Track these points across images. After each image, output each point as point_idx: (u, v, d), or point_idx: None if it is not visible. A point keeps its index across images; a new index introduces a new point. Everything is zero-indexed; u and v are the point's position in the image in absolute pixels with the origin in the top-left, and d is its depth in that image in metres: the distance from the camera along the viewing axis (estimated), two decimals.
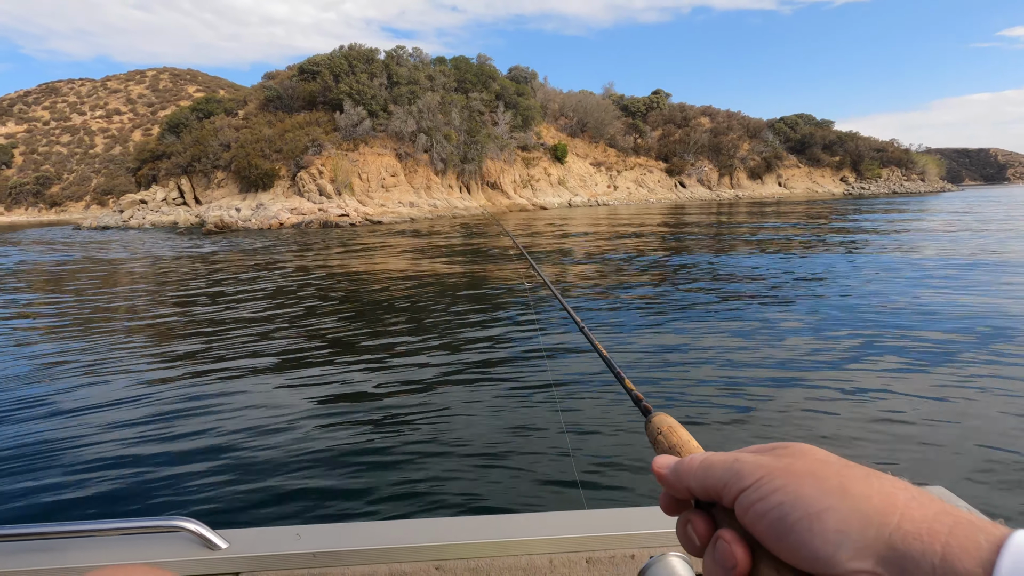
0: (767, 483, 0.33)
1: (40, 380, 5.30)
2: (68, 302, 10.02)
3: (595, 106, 72.08)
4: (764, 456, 0.36)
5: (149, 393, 4.79)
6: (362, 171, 40.94)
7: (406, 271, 12.52)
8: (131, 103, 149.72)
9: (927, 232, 18.28)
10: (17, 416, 4.35)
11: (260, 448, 3.60)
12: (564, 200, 56.49)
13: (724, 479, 0.36)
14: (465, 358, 5.53)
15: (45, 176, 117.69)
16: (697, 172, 72.74)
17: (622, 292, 8.97)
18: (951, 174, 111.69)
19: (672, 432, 0.48)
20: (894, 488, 0.31)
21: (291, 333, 6.85)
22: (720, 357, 5.32)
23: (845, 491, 0.31)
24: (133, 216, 42.28)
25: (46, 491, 3.15)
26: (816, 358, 5.21)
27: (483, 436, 3.69)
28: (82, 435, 3.91)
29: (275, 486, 3.11)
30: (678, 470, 0.39)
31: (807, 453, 0.35)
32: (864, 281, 9.19)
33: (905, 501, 0.30)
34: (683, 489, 0.39)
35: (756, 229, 21.67)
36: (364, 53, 48.73)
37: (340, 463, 3.35)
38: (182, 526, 1.03)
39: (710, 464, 0.38)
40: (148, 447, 3.68)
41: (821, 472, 0.33)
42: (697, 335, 6.16)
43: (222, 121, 47.11)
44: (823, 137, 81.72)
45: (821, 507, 0.31)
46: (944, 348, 5.42)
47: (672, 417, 0.50)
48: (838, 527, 0.30)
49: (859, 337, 5.85)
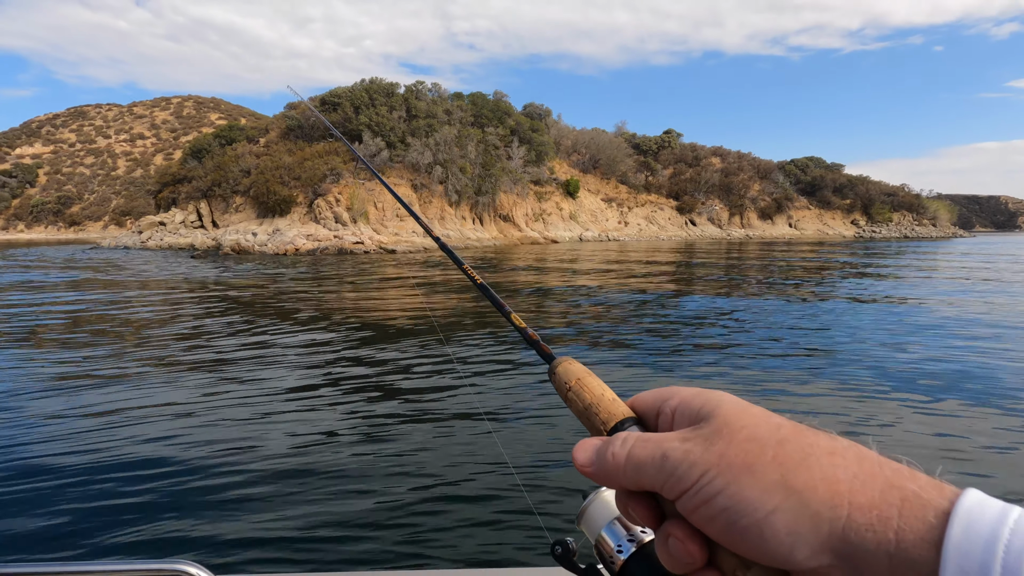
0: (707, 485, 0.32)
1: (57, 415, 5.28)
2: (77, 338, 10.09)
3: (607, 143, 73.32)
4: (694, 444, 0.34)
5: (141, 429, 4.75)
6: (378, 200, 41.58)
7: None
8: (155, 128, 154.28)
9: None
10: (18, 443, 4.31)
11: (254, 489, 3.45)
12: (575, 234, 56.89)
13: (659, 480, 0.34)
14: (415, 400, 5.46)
15: (67, 196, 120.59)
16: (708, 211, 73.22)
17: (632, 339, 8.89)
18: (962, 220, 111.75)
19: (582, 386, 0.43)
20: (835, 468, 0.30)
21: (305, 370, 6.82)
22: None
23: (788, 487, 0.30)
24: (151, 237, 42.98)
25: (43, 525, 3.06)
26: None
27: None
28: (87, 466, 3.84)
29: (274, 527, 2.99)
30: (604, 468, 0.37)
31: (735, 429, 0.33)
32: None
33: (849, 484, 0.29)
34: (616, 485, 0.37)
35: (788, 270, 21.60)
36: (384, 87, 50.17)
37: (336, 508, 3.19)
38: (184, 570, 1.01)
39: (638, 463, 0.35)
40: (149, 485, 3.56)
41: (758, 464, 0.31)
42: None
43: (243, 148, 48.33)
44: (833, 180, 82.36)
45: (767, 509, 0.30)
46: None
47: (579, 363, 0.46)
48: (789, 528, 0.29)
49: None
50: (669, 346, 7.66)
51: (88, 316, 10.61)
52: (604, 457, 0.37)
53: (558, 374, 0.46)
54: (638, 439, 0.36)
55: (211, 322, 9.65)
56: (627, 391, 0.41)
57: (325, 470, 3.67)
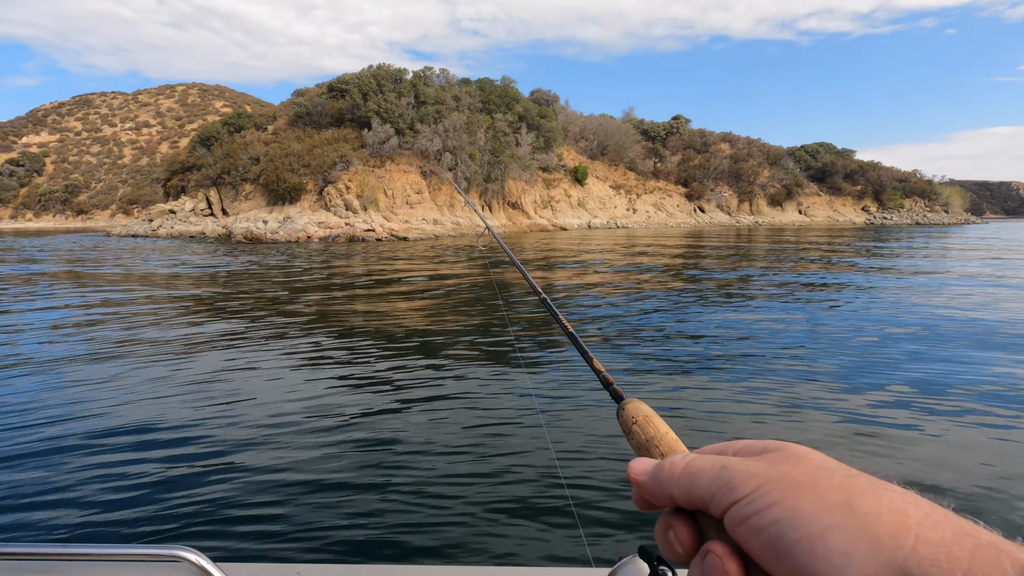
0: (762, 496, 0.30)
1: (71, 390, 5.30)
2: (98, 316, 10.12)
3: (615, 130, 72.64)
4: (756, 462, 0.33)
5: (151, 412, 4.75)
6: (388, 187, 41.45)
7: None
8: (160, 116, 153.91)
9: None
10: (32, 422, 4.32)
11: (261, 476, 3.41)
12: (583, 222, 56.62)
13: (712, 489, 0.33)
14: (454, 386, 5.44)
15: (74, 185, 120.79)
16: (716, 198, 72.65)
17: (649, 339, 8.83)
18: (972, 206, 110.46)
19: (648, 423, 0.45)
20: (904, 503, 0.28)
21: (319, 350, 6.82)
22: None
23: (851, 508, 0.28)
24: (162, 226, 43.06)
25: (49, 508, 3.06)
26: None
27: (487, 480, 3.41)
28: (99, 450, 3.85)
29: (276, 516, 2.94)
30: (659, 477, 0.36)
31: (803, 458, 0.32)
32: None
33: (919, 520, 0.27)
34: (665, 497, 0.36)
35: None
36: (392, 73, 49.74)
37: (344, 497, 3.14)
38: (183, 556, 1.02)
39: (695, 471, 0.34)
40: (147, 468, 3.53)
41: (822, 484, 0.29)
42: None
43: (252, 135, 48.15)
44: (844, 166, 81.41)
45: (824, 526, 0.28)
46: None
47: (647, 404, 0.47)
48: (843, 549, 0.27)
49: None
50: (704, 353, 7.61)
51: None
52: (661, 467, 0.37)
53: (626, 411, 0.47)
54: (698, 455, 0.36)
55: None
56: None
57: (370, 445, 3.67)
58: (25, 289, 12.58)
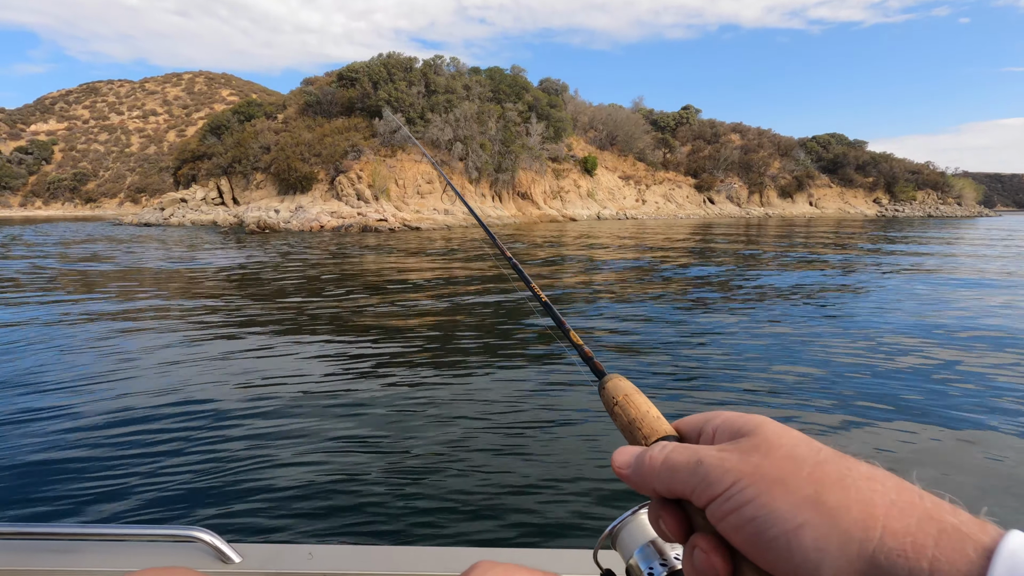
0: (738, 493, 0.32)
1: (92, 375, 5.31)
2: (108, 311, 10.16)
3: (625, 120, 72.07)
4: (730, 455, 0.34)
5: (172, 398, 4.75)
6: (399, 177, 41.36)
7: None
8: (167, 104, 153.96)
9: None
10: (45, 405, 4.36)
11: (276, 458, 3.45)
12: (593, 212, 56.40)
13: (691, 484, 0.34)
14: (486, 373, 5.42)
15: (82, 173, 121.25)
16: (726, 189, 72.15)
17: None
18: (984, 198, 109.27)
19: (629, 402, 0.44)
20: (872, 492, 0.29)
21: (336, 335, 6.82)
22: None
23: (820, 503, 0.29)
24: (174, 214, 43.20)
25: (60, 491, 3.10)
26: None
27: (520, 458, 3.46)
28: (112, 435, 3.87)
29: (290, 498, 3.00)
30: (640, 470, 0.38)
31: (775, 446, 0.33)
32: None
33: (885, 509, 0.28)
34: (648, 489, 0.38)
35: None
36: (402, 62, 49.44)
37: (361, 479, 3.19)
38: (198, 536, 1.02)
39: (672, 466, 0.36)
40: (163, 448, 3.59)
41: (792, 479, 0.31)
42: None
43: (262, 124, 48.08)
44: (856, 157, 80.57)
45: (797, 523, 0.30)
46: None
47: (628, 380, 0.47)
48: (816, 545, 0.29)
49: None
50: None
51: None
52: (642, 460, 0.38)
53: (607, 389, 0.46)
54: (676, 446, 0.37)
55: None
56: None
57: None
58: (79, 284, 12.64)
